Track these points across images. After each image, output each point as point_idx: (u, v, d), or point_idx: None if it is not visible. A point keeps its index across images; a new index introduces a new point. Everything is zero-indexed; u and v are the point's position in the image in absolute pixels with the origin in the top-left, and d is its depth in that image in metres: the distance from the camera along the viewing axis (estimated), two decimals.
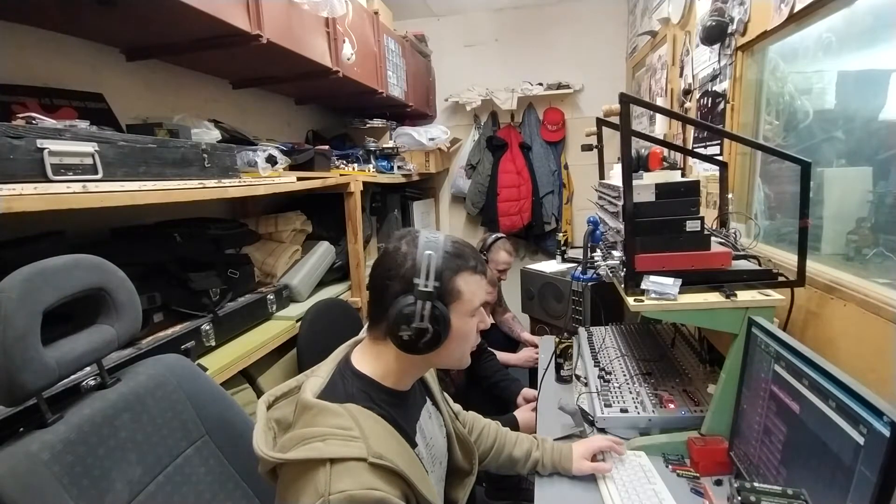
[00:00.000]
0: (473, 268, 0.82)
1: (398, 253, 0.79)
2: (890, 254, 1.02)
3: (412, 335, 0.76)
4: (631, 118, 1.32)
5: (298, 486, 0.67)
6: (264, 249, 1.88)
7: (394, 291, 0.77)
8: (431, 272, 0.76)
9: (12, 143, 0.78)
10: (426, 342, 0.77)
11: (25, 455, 0.69)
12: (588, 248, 1.49)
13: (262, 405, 0.81)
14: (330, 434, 0.69)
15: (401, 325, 0.76)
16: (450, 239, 0.82)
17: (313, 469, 0.66)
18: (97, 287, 0.84)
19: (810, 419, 0.78)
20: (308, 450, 0.68)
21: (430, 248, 0.78)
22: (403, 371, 0.83)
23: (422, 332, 0.76)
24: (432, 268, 0.76)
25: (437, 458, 0.92)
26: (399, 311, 0.76)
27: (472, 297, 0.81)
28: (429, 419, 0.92)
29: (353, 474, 0.66)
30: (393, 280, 0.78)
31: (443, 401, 1.01)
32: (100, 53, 1.46)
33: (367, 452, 0.67)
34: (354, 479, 0.65)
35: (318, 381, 0.80)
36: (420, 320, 0.75)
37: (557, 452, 1.10)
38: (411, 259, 0.77)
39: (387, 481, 0.68)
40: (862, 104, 1.17)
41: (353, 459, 0.67)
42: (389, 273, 0.78)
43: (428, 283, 0.76)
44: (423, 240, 0.79)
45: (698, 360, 1.47)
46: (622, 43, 3.32)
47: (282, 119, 2.50)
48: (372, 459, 0.67)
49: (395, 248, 0.80)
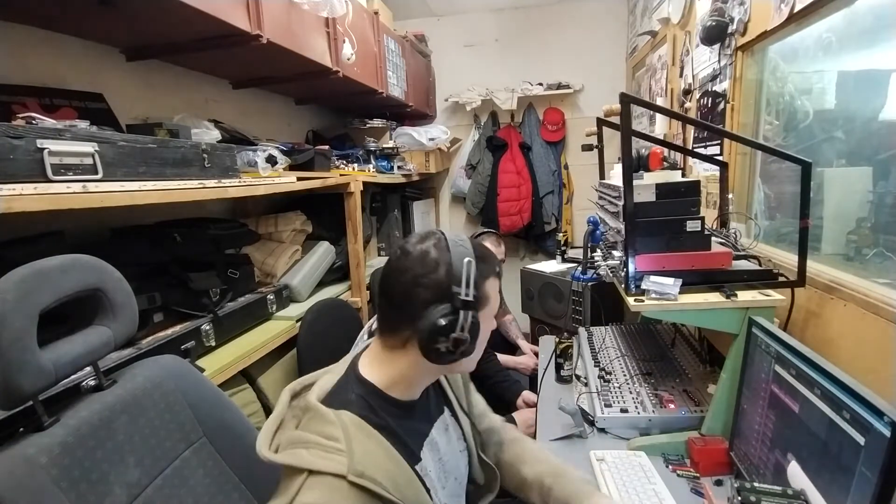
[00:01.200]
0: (497, 273, 0.80)
1: (427, 258, 0.73)
2: (890, 254, 1.02)
3: (450, 346, 0.71)
4: (631, 118, 1.32)
5: (280, 486, 0.67)
6: (264, 249, 1.88)
7: (424, 299, 0.72)
8: (472, 280, 0.71)
9: (12, 143, 0.78)
10: (462, 352, 0.73)
11: (23, 459, 0.69)
12: (588, 248, 1.50)
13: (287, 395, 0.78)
14: (314, 443, 0.66)
15: (437, 336, 0.71)
16: (475, 244, 0.79)
17: (294, 476, 0.65)
18: (94, 288, 0.83)
19: (810, 419, 0.78)
20: (291, 455, 0.66)
21: (463, 254, 0.73)
22: (416, 380, 0.79)
23: (460, 342, 0.71)
24: (472, 275, 0.71)
25: (452, 473, 0.86)
26: (435, 322, 0.71)
27: (495, 301, 0.80)
28: (444, 432, 0.87)
29: (324, 489, 0.63)
30: (423, 287, 0.72)
31: (463, 413, 0.94)
32: (100, 53, 1.46)
33: (348, 469, 0.64)
34: (323, 495, 0.62)
35: (332, 380, 0.78)
36: (461, 331, 0.71)
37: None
38: (444, 265, 0.73)
39: (361, 501, 0.64)
40: (862, 104, 1.17)
41: (332, 475, 0.64)
42: (419, 279, 0.72)
43: (469, 291, 0.71)
44: (454, 244, 0.74)
45: (698, 360, 1.47)
46: (622, 43, 3.32)
47: (282, 119, 2.50)
48: (351, 478, 0.63)
49: (421, 252, 0.74)
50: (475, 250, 0.77)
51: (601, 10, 3.29)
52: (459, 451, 0.90)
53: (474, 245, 0.78)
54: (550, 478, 0.93)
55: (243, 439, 1.01)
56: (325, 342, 1.66)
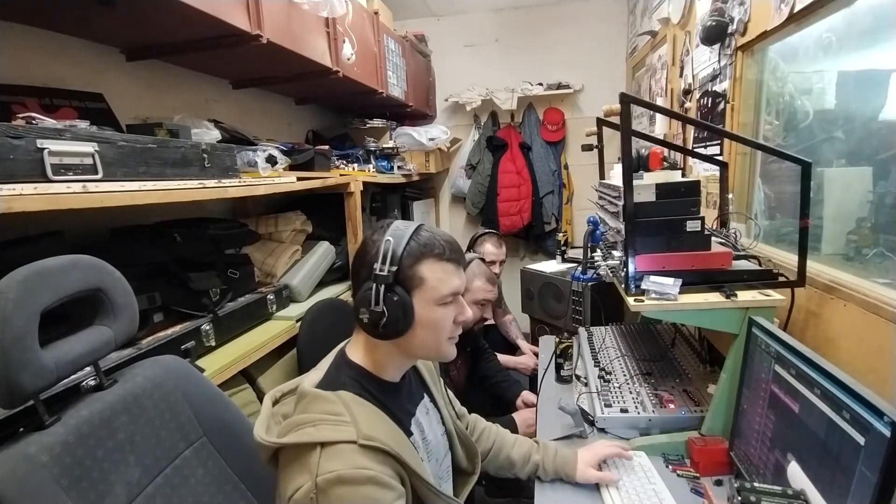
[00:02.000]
0: (439, 255, 0.81)
1: (368, 241, 0.82)
2: (890, 254, 1.02)
3: (370, 319, 0.78)
4: (631, 118, 1.32)
5: (293, 469, 0.70)
6: (264, 249, 1.88)
7: (362, 278, 0.81)
8: (388, 257, 0.78)
9: (12, 143, 0.78)
10: (385, 326, 0.78)
11: (24, 458, 0.69)
12: (588, 248, 1.49)
13: (269, 401, 0.84)
14: (321, 419, 0.72)
15: (360, 308, 0.79)
16: (426, 230, 0.83)
17: (307, 453, 0.69)
18: (94, 288, 0.83)
19: (810, 419, 0.78)
20: (300, 434, 0.71)
21: (393, 235, 0.79)
22: (386, 360, 0.85)
23: (378, 315, 0.77)
24: (389, 253, 0.78)
25: (435, 455, 0.92)
26: (361, 296, 0.79)
27: (437, 284, 0.81)
28: (426, 415, 0.93)
29: (342, 456, 0.68)
30: (362, 267, 0.81)
31: (443, 399, 1.02)
32: (100, 53, 1.46)
33: (357, 435, 0.70)
34: (344, 461, 0.68)
35: (319, 373, 0.84)
36: (375, 304, 0.77)
37: (561, 458, 1.08)
38: (374, 246, 0.80)
39: (378, 461, 0.70)
40: (862, 104, 1.17)
41: (343, 442, 0.69)
42: (359, 261, 0.82)
43: (384, 267, 0.77)
44: (395, 228, 0.81)
45: (698, 360, 1.47)
46: (622, 43, 3.32)
47: (282, 119, 2.50)
48: (362, 441, 0.70)
49: (367, 237, 0.84)
50: (420, 236, 0.81)
51: (601, 10, 3.29)
52: (440, 434, 0.96)
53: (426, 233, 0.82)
54: (538, 455, 1.10)
55: (243, 439, 1.01)
56: (325, 342, 1.64)
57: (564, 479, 1.07)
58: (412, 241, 0.80)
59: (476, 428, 1.16)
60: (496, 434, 1.17)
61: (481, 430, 1.16)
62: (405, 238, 0.79)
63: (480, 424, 1.18)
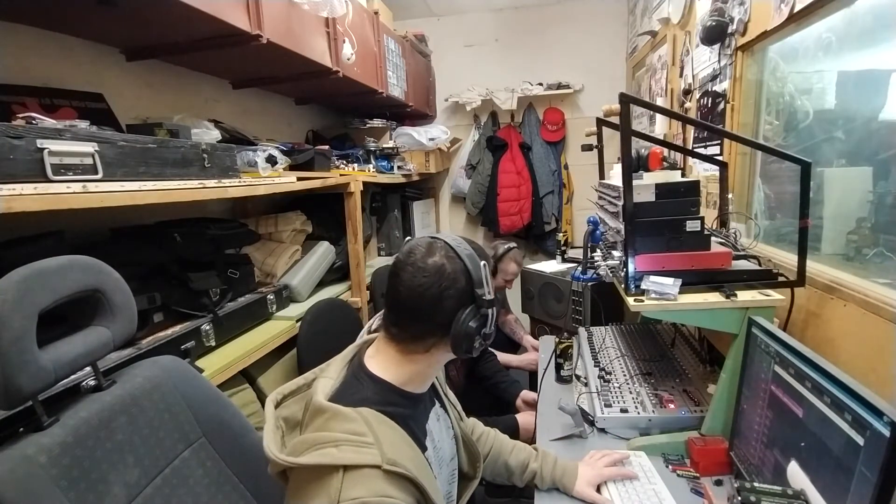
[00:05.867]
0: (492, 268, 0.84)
1: (444, 271, 0.77)
2: (890, 254, 1.02)
3: (482, 341, 0.80)
4: (631, 118, 1.32)
5: (309, 491, 0.66)
6: (264, 249, 1.88)
7: (451, 308, 0.77)
8: (489, 280, 0.79)
9: (12, 143, 0.78)
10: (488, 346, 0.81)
11: (22, 458, 0.69)
12: (588, 248, 1.49)
13: (271, 405, 0.80)
14: (343, 440, 0.68)
15: (472, 336, 0.77)
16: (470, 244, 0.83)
17: (327, 475, 0.66)
18: (92, 288, 0.83)
19: (810, 419, 0.78)
20: (321, 455, 0.67)
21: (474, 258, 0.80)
22: (424, 373, 0.83)
23: (489, 336, 0.80)
24: (488, 277, 0.79)
25: (444, 461, 0.91)
26: (467, 325, 0.77)
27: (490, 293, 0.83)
28: (437, 421, 0.92)
29: (366, 482, 0.65)
30: (448, 298, 0.77)
31: (450, 403, 1.01)
32: (100, 53, 1.46)
33: (382, 459, 0.67)
34: (367, 487, 0.65)
35: (330, 382, 0.80)
36: (491, 327, 0.80)
37: (560, 469, 1.07)
38: (462, 273, 0.78)
39: (400, 488, 0.68)
40: (862, 104, 1.17)
41: (368, 466, 0.66)
42: (444, 293, 0.77)
43: (489, 290, 0.78)
44: (460, 250, 0.79)
45: (698, 360, 1.46)
46: (622, 43, 3.32)
47: (282, 119, 2.50)
48: (386, 466, 0.67)
49: (436, 266, 0.78)
50: (476, 249, 0.82)
51: (601, 10, 3.29)
52: (449, 438, 0.95)
53: (472, 244, 0.83)
54: (536, 462, 1.09)
55: (242, 439, 1.01)
56: (325, 342, 1.66)
57: (561, 490, 1.06)
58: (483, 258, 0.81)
59: (475, 432, 1.14)
60: (494, 439, 1.16)
61: (479, 435, 1.15)
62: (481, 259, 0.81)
63: (478, 429, 1.17)
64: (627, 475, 1.05)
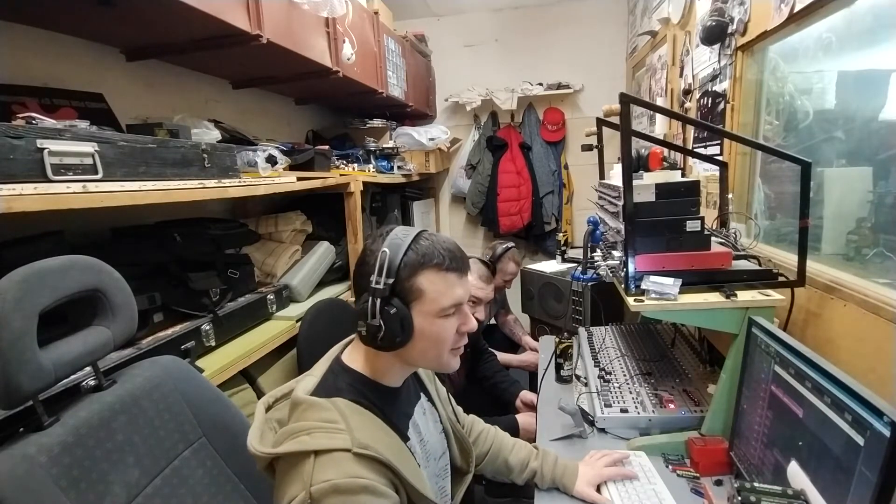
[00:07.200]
0: (439, 265, 0.77)
1: (367, 251, 0.80)
2: (890, 254, 1.02)
3: (367, 331, 0.77)
4: (631, 118, 1.32)
5: (287, 479, 0.69)
6: (264, 249, 1.88)
7: (361, 288, 0.79)
8: (385, 269, 0.75)
9: (12, 143, 0.78)
10: (383, 339, 0.76)
11: (23, 458, 0.69)
12: (588, 248, 1.49)
13: (262, 406, 0.83)
14: (315, 427, 0.71)
15: (357, 321, 0.78)
16: (426, 238, 0.79)
17: (300, 462, 0.68)
18: (93, 288, 0.83)
19: (810, 419, 0.78)
20: (295, 443, 0.70)
21: (390, 245, 0.77)
22: (387, 368, 0.83)
23: (375, 328, 0.76)
24: (386, 265, 0.75)
25: (433, 455, 0.92)
26: (360, 307, 0.77)
27: (437, 296, 0.78)
28: (423, 415, 0.93)
29: (337, 465, 0.67)
30: (361, 278, 0.79)
31: (440, 398, 1.01)
32: (100, 53, 1.46)
33: (352, 443, 0.69)
34: (338, 469, 0.67)
35: (313, 379, 0.82)
36: (372, 317, 0.75)
37: (561, 468, 1.06)
38: (373, 256, 0.77)
39: (372, 470, 0.69)
40: (862, 104, 1.17)
41: (338, 450, 0.68)
42: (359, 270, 0.80)
43: (381, 279, 0.75)
44: (392, 237, 0.78)
45: (698, 360, 1.46)
46: (622, 43, 3.32)
47: (282, 119, 2.50)
48: (356, 450, 0.68)
49: (366, 245, 0.81)
50: (419, 245, 0.78)
51: (601, 10, 3.29)
52: (438, 433, 0.96)
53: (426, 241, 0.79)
54: (536, 461, 1.09)
55: (242, 439, 0.99)
56: (325, 342, 1.64)
57: (561, 489, 1.06)
58: (410, 251, 0.77)
59: (474, 430, 1.15)
60: (494, 437, 1.16)
61: (479, 432, 1.15)
62: (403, 248, 0.76)
63: (478, 426, 1.17)
64: (627, 475, 1.04)
